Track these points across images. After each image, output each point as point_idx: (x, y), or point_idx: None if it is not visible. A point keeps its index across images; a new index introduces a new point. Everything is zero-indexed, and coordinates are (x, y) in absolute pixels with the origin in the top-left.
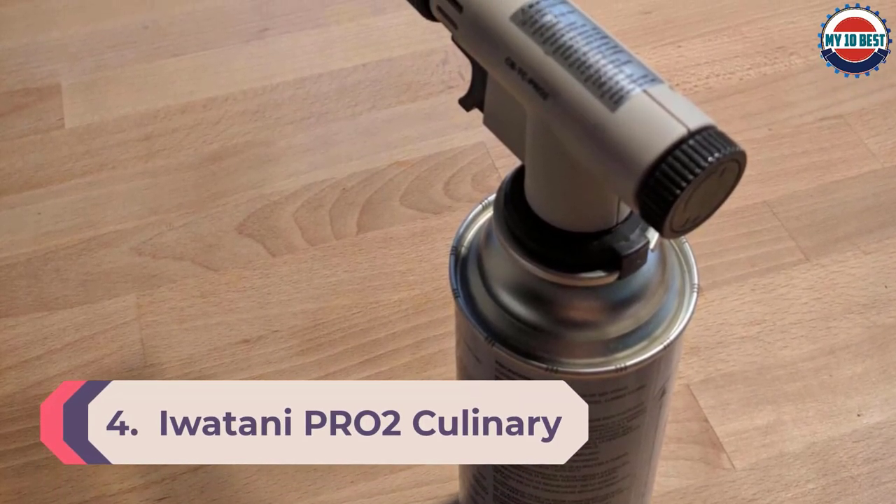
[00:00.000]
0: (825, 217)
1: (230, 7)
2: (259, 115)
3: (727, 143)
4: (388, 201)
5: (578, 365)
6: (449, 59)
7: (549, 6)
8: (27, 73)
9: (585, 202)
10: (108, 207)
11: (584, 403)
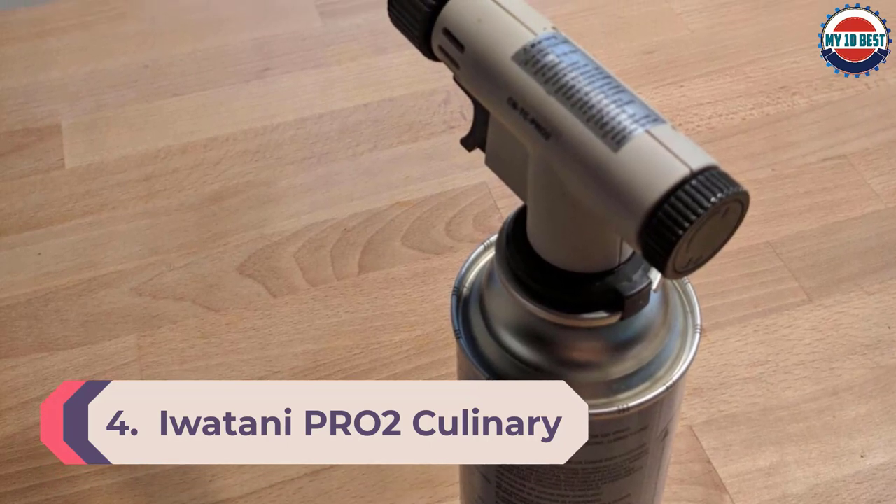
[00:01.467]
0: (828, 258)
1: (231, 47)
2: (260, 155)
3: (730, 184)
4: (390, 242)
5: None
6: (451, 99)
7: (551, 46)
8: (27, 112)
9: (588, 242)
10: (109, 248)
11: (585, 403)
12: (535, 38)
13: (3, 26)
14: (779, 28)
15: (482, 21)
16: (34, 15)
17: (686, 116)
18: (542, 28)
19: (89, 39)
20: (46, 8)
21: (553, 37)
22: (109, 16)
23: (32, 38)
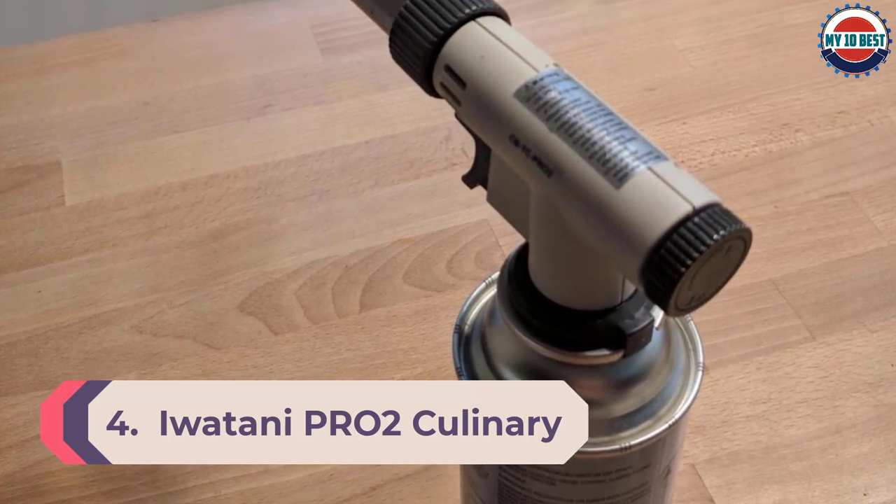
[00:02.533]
0: (831, 295)
1: (232, 84)
2: (261, 193)
3: (732, 221)
4: (391, 279)
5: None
6: (452, 136)
7: (553, 83)
8: (27, 150)
9: (590, 280)
10: (109, 285)
11: (585, 403)
12: (537, 74)
13: (3, 63)
14: (781, 65)
15: (484, 58)
16: (34, 52)
17: (688, 153)
18: (544, 65)
19: (89, 76)
20: (46, 45)
21: (555, 73)
22: (110, 53)
23: (32, 75)
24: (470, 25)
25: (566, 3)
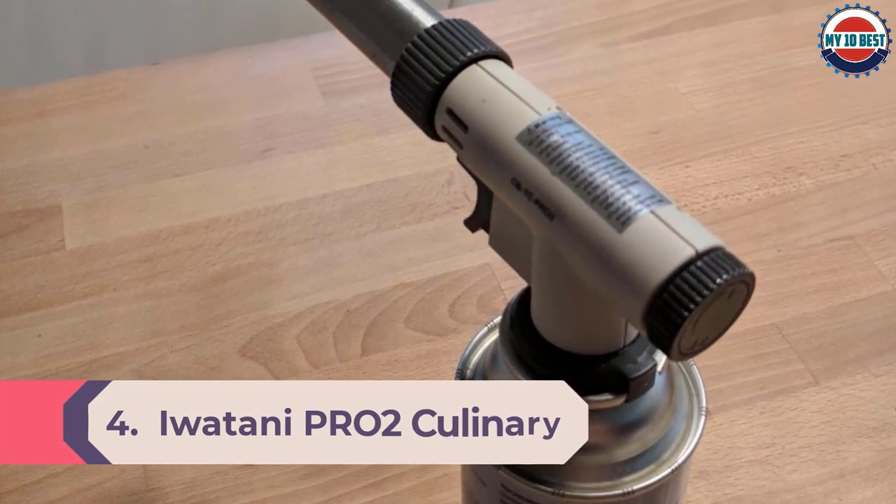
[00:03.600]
0: (835, 339)
1: (233, 127)
2: (262, 236)
3: (736, 265)
4: (393, 323)
5: (585, 489)
6: (454, 180)
7: (555, 126)
8: (28, 193)
9: (592, 324)
10: (110, 329)
11: (584, 403)
12: (539, 118)
13: (3, 106)
14: (785, 108)
15: (486, 101)
16: (34, 95)
17: (692, 197)
18: (546, 108)
19: (90, 120)
20: (47, 88)
21: (557, 117)
22: (110, 96)
23: (33, 119)
24: (472, 69)
25: (568, 46)
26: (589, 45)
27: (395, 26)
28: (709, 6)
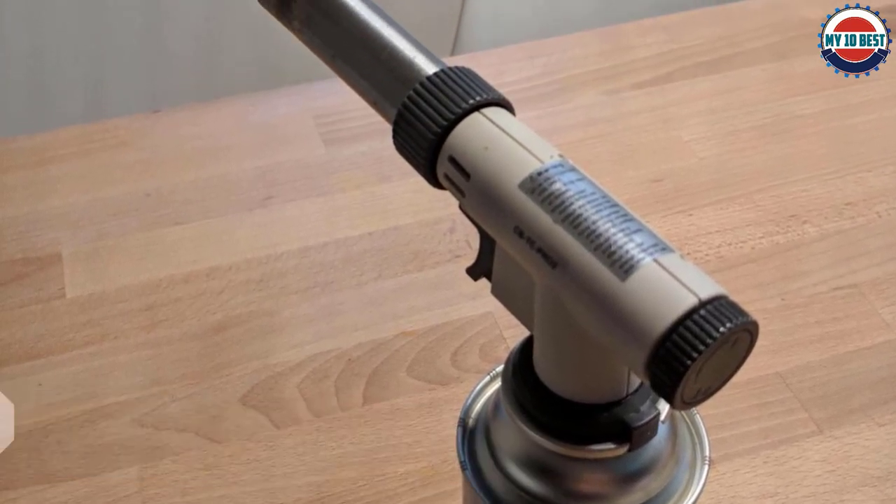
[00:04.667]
0: (838, 388)
1: (233, 175)
2: (263, 285)
3: (739, 314)
4: (395, 372)
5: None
6: (456, 228)
7: (558, 174)
8: (28, 241)
9: (595, 373)
10: (111, 378)
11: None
12: (541, 165)
13: (3, 154)
14: (788, 156)
15: (488, 149)
16: (34, 143)
17: (695, 245)
18: (548, 156)
19: (90, 168)
20: (47, 136)
21: (560, 164)
22: (110, 144)
23: (33, 166)
24: (474, 116)
25: (571, 94)
26: (592, 93)
27: (396, 73)
28: (711, 54)
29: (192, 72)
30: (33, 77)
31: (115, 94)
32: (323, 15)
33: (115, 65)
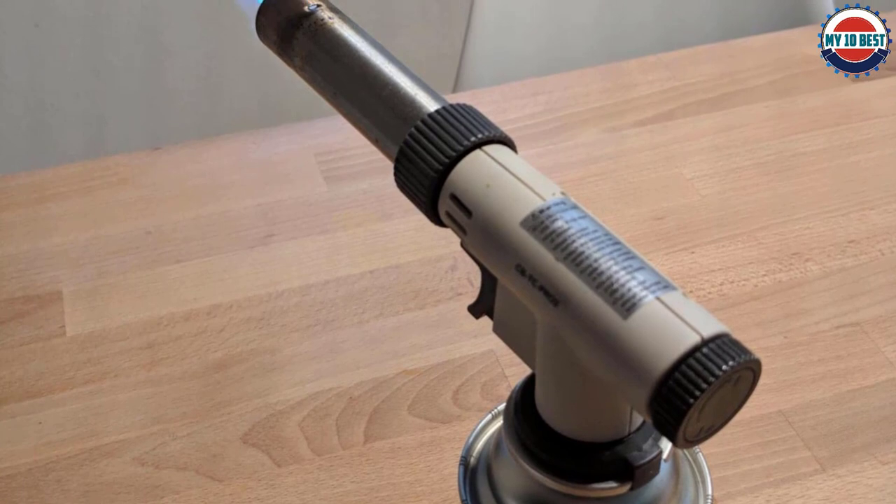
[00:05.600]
0: (841, 427)
1: (234, 212)
2: (264, 323)
3: (741, 352)
4: (396, 410)
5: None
6: (458, 266)
7: (559, 212)
8: (28, 279)
9: (597, 411)
10: (111, 416)
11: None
12: (543, 203)
13: (3, 191)
14: (791, 193)
15: (490, 186)
16: (34, 180)
17: (697, 283)
18: (550, 193)
19: (90, 205)
20: (47, 173)
21: (562, 202)
22: (110, 181)
23: (33, 204)
24: (476, 154)
25: (573, 131)
26: (593, 130)
27: (398, 111)
28: (713, 91)
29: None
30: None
31: (116, 132)
32: (324, 52)
33: (115, 102)
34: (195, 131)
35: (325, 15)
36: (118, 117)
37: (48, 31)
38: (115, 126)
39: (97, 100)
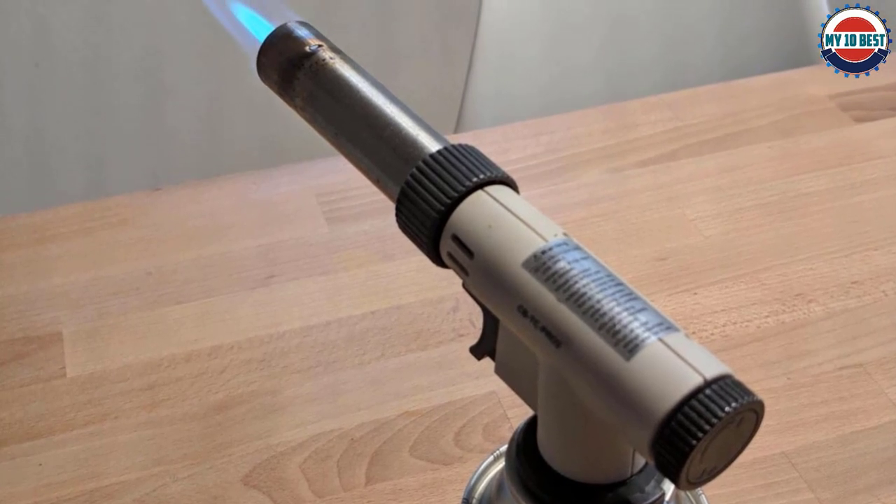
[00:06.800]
0: (845, 468)
1: (235, 253)
2: (265, 364)
3: (744, 393)
4: (398, 452)
5: None
6: (459, 307)
7: (562, 252)
8: (28, 320)
9: (599, 453)
10: (111, 458)
11: None
12: (545, 244)
13: (3, 232)
14: (794, 234)
15: (492, 227)
16: (34, 221)
17: (700, 324)
18: (552, 234)
19: (91, 246)
20: (47, 214)
21: (564, 243)
22: (111, 222)
23: (33, 245)
24: (477, 194)
25: (575, 172)
26: (596, 171)
27: (399, 151)
28: (716, 131)
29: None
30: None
31: (116, 172)
32: (325, 92)
33: (115, 142)
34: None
35: (326, 55)
36: (119, 157)
37: (48, 71)
38: (115, 166)
39: (97, 140)
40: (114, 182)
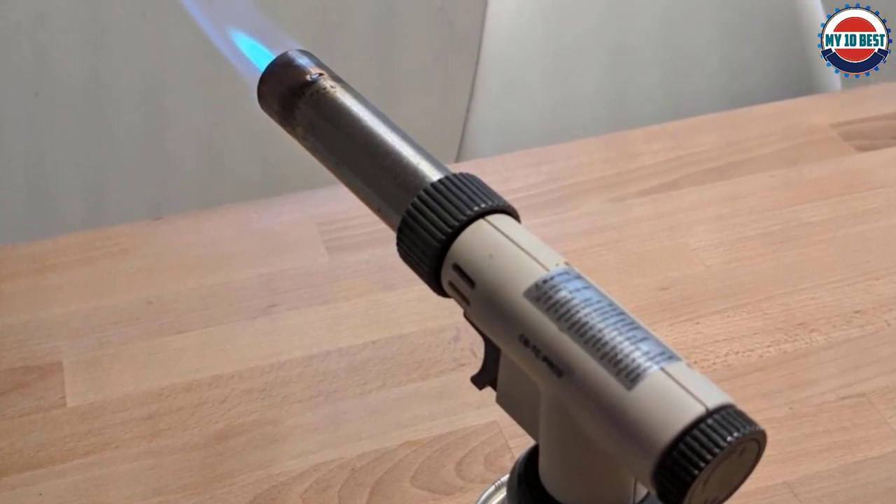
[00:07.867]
0: (847, 498)
1: (236, 283)
2: (266, 394)
3: (746, 423)
4: (399, 482)
5: None
6: (461, 336)
7: (563, 282)
8: (28, 350)
9: (601, 482)
10: (112, 488)
11: None
12: (547, 273)
13: (3, 261)
14: (796, 263)
15: (493, 256)
16: (35, 250)
17: (702, 354)
18: (554, 263)
19: (91, 275)
20: (47, 243)
21: (566, 272)
22: (111, 251)
23: (33, 274)
24: (479, 224)
25: (577, 201)
26: (597, 200)
27: (400, 180)
28: (718, 160)
29: (194, 178)
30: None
31: (117, 201)
32: (326, 121)
33: (116, 171)
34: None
35: (327, 84)
36: (119, 186)
37: (48, 99)
38: (115, 195)
39: (98, 169)
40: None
